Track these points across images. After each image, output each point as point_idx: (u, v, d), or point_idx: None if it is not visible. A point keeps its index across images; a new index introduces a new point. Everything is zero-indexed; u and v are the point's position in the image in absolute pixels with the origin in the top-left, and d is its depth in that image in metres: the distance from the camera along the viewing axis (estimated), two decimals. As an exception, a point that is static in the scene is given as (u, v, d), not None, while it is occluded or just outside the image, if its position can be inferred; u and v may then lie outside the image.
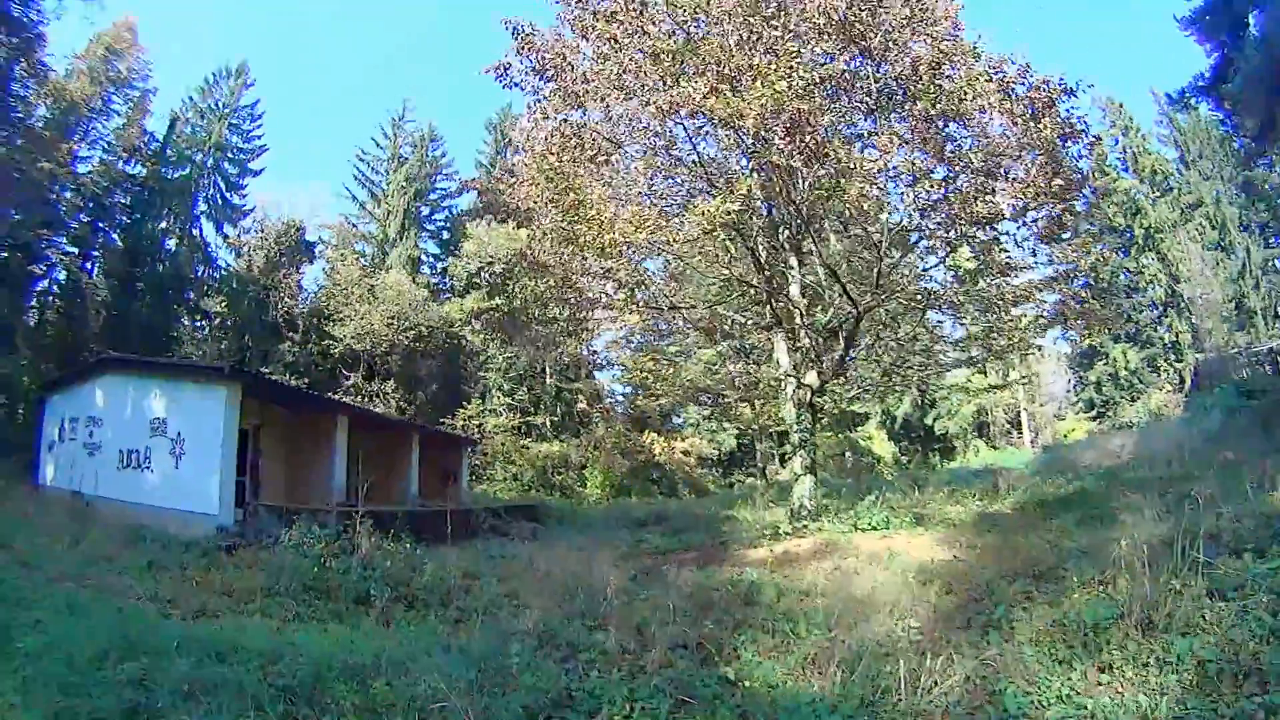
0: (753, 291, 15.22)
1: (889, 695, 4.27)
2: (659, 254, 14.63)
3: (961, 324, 16.81)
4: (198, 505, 11.32)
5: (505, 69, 13.67)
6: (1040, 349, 26.02)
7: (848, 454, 30.65)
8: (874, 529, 11.05)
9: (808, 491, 13.22)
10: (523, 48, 13.38)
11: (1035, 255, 14.10)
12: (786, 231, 14.78)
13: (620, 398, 33.96)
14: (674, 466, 28.82)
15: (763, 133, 10.91)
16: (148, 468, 12.53)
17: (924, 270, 15.47)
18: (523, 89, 14.00)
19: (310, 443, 15.18)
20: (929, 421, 35.75)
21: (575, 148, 12.85)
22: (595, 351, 30.55)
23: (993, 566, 7.18)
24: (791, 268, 14.83)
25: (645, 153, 14.72)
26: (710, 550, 11.33)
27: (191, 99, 32.04)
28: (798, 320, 14.69)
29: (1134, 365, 34.25)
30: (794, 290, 14.80)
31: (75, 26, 55.32)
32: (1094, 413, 35.97)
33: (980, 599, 6.26)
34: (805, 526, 11.68)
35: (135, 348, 21.20)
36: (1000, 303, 14.67)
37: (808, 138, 10.64)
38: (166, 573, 8.45)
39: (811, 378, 14.24)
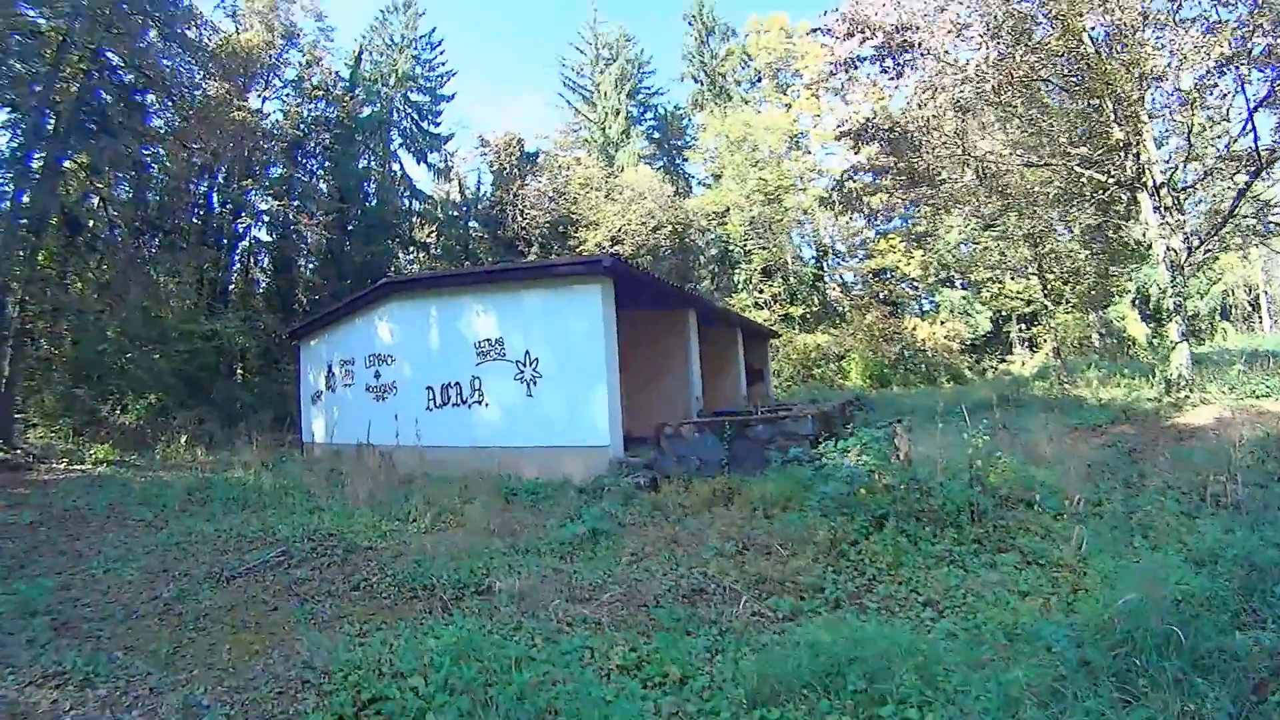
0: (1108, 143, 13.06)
1: None
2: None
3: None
4: (573, 438, 9.51)
5: None
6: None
7: (1096, 335, 26.84)
8: (1268, 395, 10.68)
9: (1186, 360, 12.43)
10: None
11: None
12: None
13: (864, 283, 32.19)
14: (937, 352, 26.50)
15: None
16: (478, 401, 10.87)
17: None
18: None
19: (653, 348, 13.07)
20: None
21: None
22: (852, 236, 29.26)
23: None
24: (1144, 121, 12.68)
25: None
26: (1140, 422, 10.15)
27: (367, 35, 31.39)
28: (1157, 175, 12.84)
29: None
30: (1150, 144, 12.90)
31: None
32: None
33: None
34: (1187, 398, 11.16)
35: (351, 289, 20.26)
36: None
37: None
38: (609, 539, 6.32)
39: (1177, 241, 12.85)
